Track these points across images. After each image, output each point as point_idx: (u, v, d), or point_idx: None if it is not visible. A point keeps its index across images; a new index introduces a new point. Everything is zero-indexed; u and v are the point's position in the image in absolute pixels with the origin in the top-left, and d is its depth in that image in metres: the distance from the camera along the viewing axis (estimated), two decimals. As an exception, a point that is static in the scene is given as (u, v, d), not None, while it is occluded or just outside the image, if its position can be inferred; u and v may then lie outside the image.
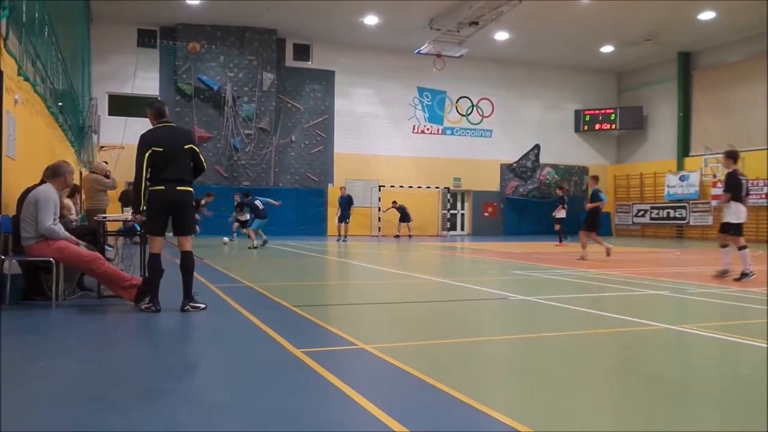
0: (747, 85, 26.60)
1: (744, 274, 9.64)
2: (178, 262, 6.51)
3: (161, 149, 6.27)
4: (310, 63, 28.02)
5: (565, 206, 21.72)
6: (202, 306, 6.40)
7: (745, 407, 3.47)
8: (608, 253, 14.48)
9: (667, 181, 29.68)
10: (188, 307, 6.30)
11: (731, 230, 9.98)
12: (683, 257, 16.48)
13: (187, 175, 6.42)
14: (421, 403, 3.45)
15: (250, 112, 26.28)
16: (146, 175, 6.26)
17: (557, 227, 21.52)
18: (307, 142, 27.88)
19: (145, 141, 6.33)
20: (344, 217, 23.23)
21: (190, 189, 6.45)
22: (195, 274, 6.66)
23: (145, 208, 6.30)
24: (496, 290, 8.73)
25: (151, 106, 6.61)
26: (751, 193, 25.32)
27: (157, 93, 25.61)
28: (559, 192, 22.59)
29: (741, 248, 9.91)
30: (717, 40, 27.16)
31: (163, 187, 6.28)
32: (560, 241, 21.05)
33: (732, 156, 10.42)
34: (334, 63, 28.30)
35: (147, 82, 25.63)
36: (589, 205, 14.79)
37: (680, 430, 3.08)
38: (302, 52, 27.92)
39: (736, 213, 9.91)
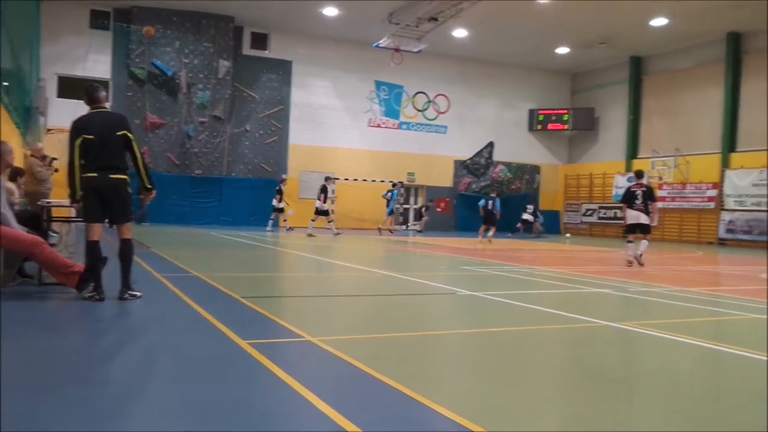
0: (695, 92, 27.38)
1: (629, 262, 12.66)
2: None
3: (92, 136, 6.14)
4: (267, 52, 27.73)
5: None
6: (139, 294, 6.31)
7: (684, 402, 3.59)
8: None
9: (616, 182, 30.35)
10: (125, 295, 6.21)
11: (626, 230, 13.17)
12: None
13: (120, 163, 6.28)
14: (366, 396, 3.47)
15: (204, 99, 25.88)
16: (78, 163, 6.15)
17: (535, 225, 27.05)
18: (261, 132, 27.61)
19: (76, 128, 6.21)
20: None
21: (124, 177, 6.30)
22: (142, 262, 6.55)
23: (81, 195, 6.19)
24: (444, 285, 8.82)
25: (85, 90, 6.44)
26: (694, 196, 26.24)
27: (109, 76, 25.00)
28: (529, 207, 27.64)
29: (629, 242, 12.95)
30: (668, 47, 27.86)
31: (95, 175, 6.16)
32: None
33: (636, 173, 13.83)
34: (292, 53, 28.07)
35: (99, 65, 25.00)
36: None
37: (621, 423, 3.18)
38: (259, 40, 27.60)
39: (628, 217, 13.00)
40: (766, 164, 23.90)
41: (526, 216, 27.13)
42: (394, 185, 26.91)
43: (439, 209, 30.44)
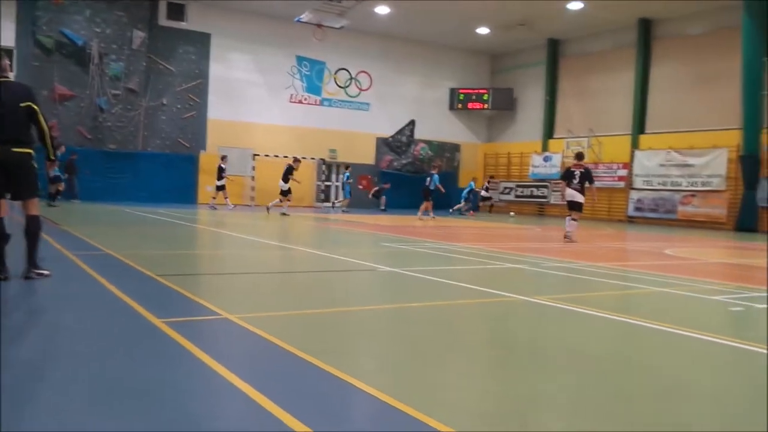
0: (608, 75, 28.37)
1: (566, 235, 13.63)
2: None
3: None
4: (184, 24, 26.81)
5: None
6: (47, 273, 6.04)
7: (595, 370, 3.76)
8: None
9: (532, 161, 31.23)
10: (31, 273, 5.93)
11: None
12: (543, 234, 17.45)
13: (24, 135, 5.95)
14: (285, 373, 3.47)
15: (117, 71, 24.86)
16: None
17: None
18: (179, 106, 26.80)
19: None
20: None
21: (28, 150, 5.97)
22: (51, 241, 6.27)
23: None
24: (365, 262, 8.87)
25: None
26: (605, 176, 27.25)
27: (13, 44, 23.62)
28: (487, 182, 29.70)
29: (570, 217, 13.75)
30: (583, 30, 28.68)
31: None
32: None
33: (576, 155, 14.56)
34: (211, 25, 27.27)
35: (2, 33, 23.54)
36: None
37: (534, 392, 3.29)
38: (177, 11, 26.62)
39: (566, 195, 13.91)
40: (671, 146, 25.11)
41: (484, 193, 29.02)
42: (347, 167, 27.60)
43: (361, 186, 30.47)
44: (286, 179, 20.97)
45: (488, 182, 30.17)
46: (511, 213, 30.15)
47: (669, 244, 14.95)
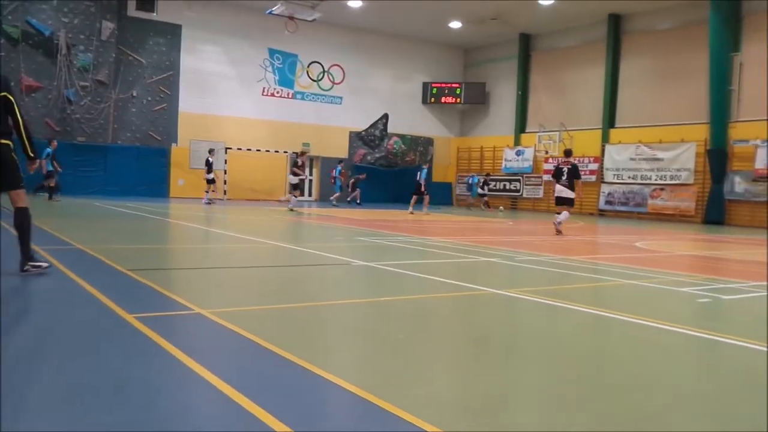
0: (579, 69, 28.64)
1: (558, 231, 14.10)
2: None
3: None
4: (154, 15, 26.45)
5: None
6: (45, 265, 5.96)
7: (567, 362, 3.79)
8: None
9: (505, 155, 31.44)
10: (27, 266, 5.84)
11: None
12: (516, 227, 17.57)
13: (1, 126, 5.85)
14: (259, 368, 3.44)
15: (86, 62, 24.45)
16: None
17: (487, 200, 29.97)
18: (149, 99, 26.46)
19: None
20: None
21: (7, 141, 5.87)
22: (17, 235, 6.15)
23: None
24: (339, 256, 8.84)
25: None
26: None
27: (-22, 34, 23.12)
28: (482, 178, 30.16)
29: (558, 213, 14.31)
30: (555, 25, 28.93)
31: None
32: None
33: (565, 152, 15.63)
34: (182, 17, 26.95)
35: (-35, 22, 23.05)
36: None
37: (507, 384, 3.32)
38: (146, 2, 26.25)
39: (556, 191, 14.47)
40: (641, 140, 25.44)
41: (480, 190, 29.48)
42: (340, 162, 27.70)
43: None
44: (293, 173, 21.15)
45: (485, 178, 30.36)
46: (500, 207, 30.32)
47: (639, 237, 15.16)
